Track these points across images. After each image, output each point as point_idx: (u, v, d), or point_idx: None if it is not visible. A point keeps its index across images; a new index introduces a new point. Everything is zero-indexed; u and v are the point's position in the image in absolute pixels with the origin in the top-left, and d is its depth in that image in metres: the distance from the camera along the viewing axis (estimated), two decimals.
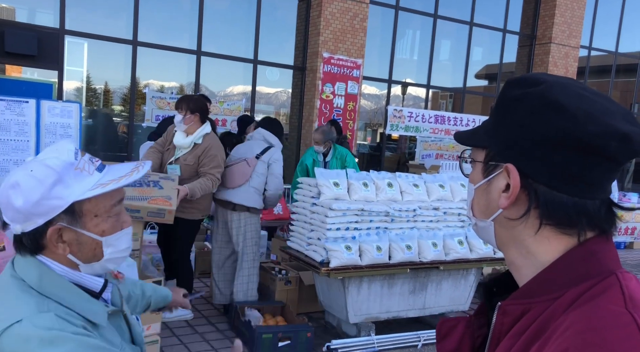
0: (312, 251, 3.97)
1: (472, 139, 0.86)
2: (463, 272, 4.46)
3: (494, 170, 0.80)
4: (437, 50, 11.14)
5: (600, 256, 0.74)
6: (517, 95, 0.77)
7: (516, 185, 0.75)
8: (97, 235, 1.09)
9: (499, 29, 11.62)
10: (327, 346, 3.90)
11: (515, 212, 0.77)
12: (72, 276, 1.10)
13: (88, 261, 1.11)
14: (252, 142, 4.51)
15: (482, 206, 0.83)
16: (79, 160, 1.08)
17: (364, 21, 9.20)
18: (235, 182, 4.26)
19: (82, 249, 1.09)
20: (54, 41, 7.53)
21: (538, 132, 0.73)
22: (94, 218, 1.08)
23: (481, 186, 0.83)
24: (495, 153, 0.80)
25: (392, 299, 4.20)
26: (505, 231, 0.81)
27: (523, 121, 0.75)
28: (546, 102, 0.73)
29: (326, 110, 8.99)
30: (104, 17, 8.50)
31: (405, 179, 4.35)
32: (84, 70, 8.62)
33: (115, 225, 1.12)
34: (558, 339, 0.66)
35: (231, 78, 10.12)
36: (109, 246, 1.11)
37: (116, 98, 9.39)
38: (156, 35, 8.47)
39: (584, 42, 12.27)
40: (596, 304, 0.68)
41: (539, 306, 0.74)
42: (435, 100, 12.93)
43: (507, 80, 0.82)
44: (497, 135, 0.79)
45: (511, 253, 0.81)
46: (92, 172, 1.08)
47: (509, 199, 0.77)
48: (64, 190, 1.04)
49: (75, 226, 1.07)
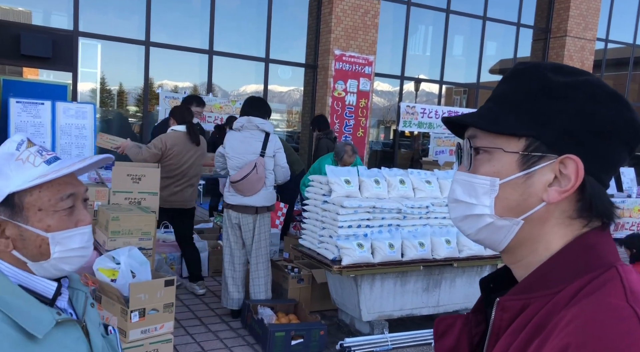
0: (324, 248, 3.96)
1: (500, 126, 0.75)
2: (477, 269, 4.42)
3: (539, 162, 0.73)
4: (450, 46, 11.05)
5: (599, 249, 0.73)
6: (571, 81, 0.73)
7: (580, 178, 0.71)
8: (41, 230, 1.01)
9: (512, 23, 11.48)
10: (340, 344, 3.89)
11: (567, 205, 0.74)
12: (20, 277, 1.02)
13: (35, 259, 1.02)
14: (246, 135, 4.22)
15: (512, 202, 0.74)
16: (21, 151, 1.01)
17: (376, 17, 9.16)
18: (255, 189, 4.19)
19: (26, 246, 1.01)
20: (68, 43, 7.63)
21: (601, 121, 0.71)
22: (37, 212, 1.00)
23: (514, 180, 0.74)
24: (541, 143, 0.72)
25: (406, 296, 4.18)
26: (535, 228, 0.75)
27: (585, 110, 0.71)
28: (607, 91, 0.72)
29: (338, 108, 8.97)
30: (117, 18, 8.59)
31: (417, 176, 4.31)
32: (98, 71, 8.72)
33: (65, 221, 1.03)
34: (559, 334, 0.65)
35: (243, 77, 10.17)
36: (57, 244, 1.02)
37: (130, 99, 9.49)
38: (168, 35, 8.54)
39: (601, 35, 12.07)
40: (597, 298, 0.66)
41: (538, 301, 0.72)
42: (448, 96, 12.83)
43: (540, 64, 0.76)
44: (547, 123, 0.73)
45: (521, 252, 0.77)
46: (37, 164, 1.01)
47: (565, 193, 0.72)
48: (1, 181, 0.99)
49: (17, 219, 1.00)
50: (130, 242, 3.48)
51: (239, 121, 4.30)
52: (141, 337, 3.01)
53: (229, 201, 4.27)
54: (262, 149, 4.19)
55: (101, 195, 4.00)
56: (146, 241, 3.57)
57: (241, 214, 4.24)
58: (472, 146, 0.78)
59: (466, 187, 0.79)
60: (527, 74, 0.76)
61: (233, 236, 4.34)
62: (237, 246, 4.34)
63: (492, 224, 0.76)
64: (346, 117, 9.02)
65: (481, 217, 0.77)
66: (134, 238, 3.51)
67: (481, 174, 0.77)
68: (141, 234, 3.54)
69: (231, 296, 4.34)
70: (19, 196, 0.99)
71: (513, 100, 0.76)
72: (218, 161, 4.41)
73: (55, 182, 1.02)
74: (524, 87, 0.75)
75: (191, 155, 4.71)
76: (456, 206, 0.81)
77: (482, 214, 0.77)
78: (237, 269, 4.35)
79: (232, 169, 4.23)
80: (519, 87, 0.76)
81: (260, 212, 4.25)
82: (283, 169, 4.33)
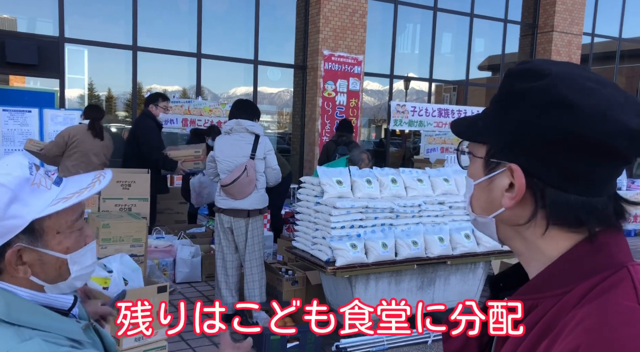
0: (318, 250, 3.95)
1: (470, 133, 0.80)
2: (471, 266, 4.42)
3: (497, 168, 0.75)
4: (439, 43, 11.08)
5: (610, 249, 0.71)
6: (521, 89, 0.72)
7: (521, 187, 0.71)
8: (61, 253, 1.01)
9: (500, 19, 11.53)
10: (336, 346, 3.88)
11: (521, 211, 0.74)
12: (39, 298, 1.01)
13: (53, 282, 1.02)
14: (235, 138, 4.18)
15: (482, 202, 0.80)
16: (34, 175, 0.99)
17: (364, 17, 9.16)
18: (246, 192, 4.15)
19: (45, 270, 1.01)
20: (54, 49, 7.56)
21: (543, 130, 0.69)
22: (56, 235, 1.00)
23: (481, 183, 0.79)
24: (497, 150, 0.75)
25: (400, 295, 4.17)
26: (509, 228, 0.77)
27: (527, 118, 0.71)
28: (551, 99, 0.69)
29: (329, 108, 8.96)
30: (103, 23, 8.53)
31: (409, 174, 4.31)
32: (86, 77, 8.66)
33: (79, 240, 1.04)
34: (568, 336, 0.64)
35: (233, 79, 10.14)
36: (75, 263, 1.03)
37: (119, 104, 9.43)
38: (156, 39, 8.49)
39: (587, 29, 12.16)
40: (607, 299, 0.65)
41: (547, 302, 0.71)
42: (438, 93, 12.87)
43: (509, 70, 0.77)
44: (500, 131, 0.75)
45: (517, 245, 0.79)
46: (49, 187, 1.00)
47: (514, 200, 0.73)
48: (22, 208, 0.96)
49: (37, 245, 0.98)
50: (122, 249, 3.45)
51: (227, 124, 4.28)
52: (135, 345, 2.98)
53: (220, 205, 4.23)
54: (252, 151, 4.17)
55: (91, 202, 3.97)
56: (138, 248, 3.55)
57: (233, 217, 4.21)
58: (458, 149, 0.84)
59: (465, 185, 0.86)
60: (502, 81, 0.78)
61: (225, 240, 4.32)
62: (229, 250, 4.32)
63: (475, 219, 0.83)
64: (337, 117, 9.02)
65: (469, 213, 0.84)
66: (125, 245, 3.49)
67: (467, 175, 0.83)
68: (132, 240, 3.52)
69: (225, 301, 4.29)
70: (38, 221, 0.97)
71: (488, 107, 0.80)
72: (210, 167, 4.37)
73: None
74: (496, 95, 0.78)
75: (94, 146, 5.27)
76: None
77: (467, 210, 0.85)
78: (229, 274, 4.32)
79: (222, 172, 4.20)
80: (495, 95, 0.79)
81: (252, 215, 4.22)
82: (274, 171, 4.31)
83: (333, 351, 3.88)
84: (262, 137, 4.26)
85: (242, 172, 4.09)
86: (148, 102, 5.48)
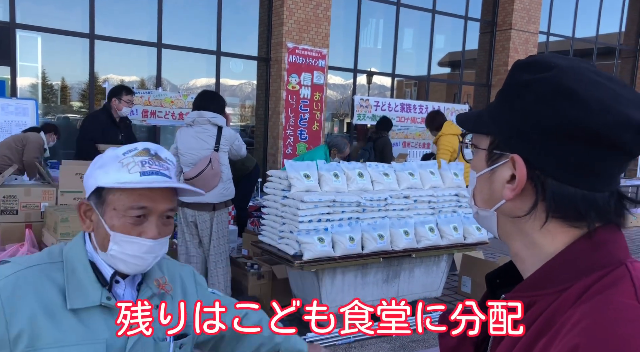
0: (285, 244, 3.93)
1: (475, 124, 0.80)
2: (435, 259, 4.51)
3: (499, 160, 0.76)
4: (401, 39, 11.18)
5: (609, 246, 0.71)
6: (526, 80, 0.72)
7: (522, 178, 0.71)
8: (107, 226, 1.15)
9: (460, 16, 11.74)
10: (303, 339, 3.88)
11: (521, 204, 0.74)
12: (95, 255, 1.19)
13: (100, 248, 1.18)
14: (198, 130, 4.10)
15: (484, 195, 0.80)
16: (126, 156, 1.16)
17: (328, 10, 9.13)
18: (211, 185, 4.08)
19: (98, 234, 1.18)
20: (4, 36, 7.19)
21: (547, 121, 0.69)
22: (112, 210, 1.15)
23: (484, 175, 0.79)
24: (500, 141, 0.75)
25: (366, 288, 4.21)
26: (509, 221, 0.77)
27: (531, 109, 0.71)
28: (557, 90, 0.69)
29: (293, 102, 8.91)
30: (58, 9, 8.17)
31: (375, 169, 4.34)
32: (39, 65, 8.27)
33: (129, 227, 1.15)
34: (567, 334, 0.63)
35: (194, 70, 9.92)
36: (115, 243, 1.15)
37: (74, 94, 9.08)
38: (114, 28, 8.20)
39: (543, 28, 12.54)
40: (606, 297, 0.65)
41: (544, 299, 0.71)
42: (400, 88, 13.01)
43: (516, 63, 0.77)
44: (503, 122, 0.75)
45: (515, 244, 0.78)
46: (132, 172, 1.14)
47: (514, 191, 0.73)
48: (101, 175, 1.16)
49: (98, 209, 1.17)
50: None
51: (190, 116, 4.18)
52: None
53: (185, 199, 4.13)
54: (216, 143, 4.11)
55: (48, 195, 3.81)
56: None
57: (197, 211, 4.14)
58: (462, 141, 0.83)
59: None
60: (509, 73, 0.78)
61: (189, 235, 4.24)
62: (193, 244, 4.24)
63: (476, 213, 0.83)
64: (301, 110, 8.98)
65: (471, 206, 0.84)
66: None
67: (471, 167, 0.83)
68: None
69: None
70: (105, 192, 1.16)
71: (495, 99, 0.80)
72: None
73: (135, 192, 1.14)
74: (502, 87, 0.78)
75: None
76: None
77: (470, 204, 0.85)
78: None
79: (186, 165, 4.11)
80: (502, 86, 0.79)
81: (217, 208, 4.16)
82: (241, 147, 4.34)
83: None
84: (225, 128, 4.20)
85: (207, 165, 4.02)
86: (111, 96, 5.32)
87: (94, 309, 1.14)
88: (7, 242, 3.64)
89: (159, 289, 1.25)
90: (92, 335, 1.12)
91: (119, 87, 5.50)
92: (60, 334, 1.09)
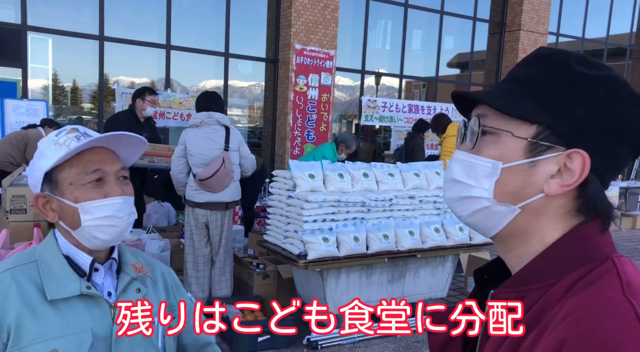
0: (290, 244, 3.94)
1: (513, 107, 0.72)
2: (440, 259, 4.50)
3: (546, 152, 0.70)
4: (409, 40, 11.17)
5: (595, 241, 0.72)
6: (595, 75, 0.71)
7: (584, 174, 0.69)
8: (71, 201, 1.16)
9: (469, 17, 11.70)
10: (307, 339, 3.89)
11: (561, 200, 0.72)
12: (68, 248, 1.20)
13: (73, 228, 1.18)
14: (207, 131, 4.14)
15: (511, 188, 0.72)
16: (59, 136, 1.18)
17: (335, 12, 9.15)
18: (224, 185, 4.13)
19: (65, 216, 1.18)
20: (16, 38, 7.29)
21: (616, 121, 0.70)
22: (69, 186, 1.16)
23: (517, 167, 0.72)
24: (552, 133, 0.70)
25: (371, 288, 4.21)
26: (530, 218, 0.73)
27: (606, 106, 0.70)
28: (628, 91, 0.70)
29: (300, 103, 8.94)
30: (68, 12, 8.26)
31: (380, 169, 4.34)
32: (50, 67, 8.38)
33: (92, 193, 1.16)
34: (555, 328, 0.64)
35: (203, 72, 9.98)
36: (86, 213, 1.16)
37: (85, 95, 9.17)
38: (124, 29, 8.27)
39: (552, 29, 12.46)
40: (593, 292, 0.66)
41: (533, 294, 0.71)
42: (408, 90, 12.99)
43: (563, 52, 0.74)
44: (564, 113, 0.70)
45: (513, 242, 0.76)
46: (71, 146, 1.15)
47: (567, 187, 0.70)
48: (44, 162, 1.17)
49: (55, 193, 1.18)
50: None
51: (197, 117, 4.19)
52: None
53: (197, 199, 4.14)
54: (226, 143, 4.15)
55: None
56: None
57: (210, 211, 4.16)
58: (481, 125, 0.75)
59: (466, 168, 0.76)
60: (552, 61, 0.74)
61: (197, 235, 4.25)
62: (201, 244, 4.25)
63: (487, 208, 0.74)
64: (308, 111, 9.00)
65: (477, 199, 0.75)
66: None
67: (484, 155, 0.74)
68: None
69: (195, 297, 4.25)
70: (55, 173, 1.17)
71: (535, 85, 0.73)
72: (180, 163, 4.20)
73: (83, 160, 1.16)
74: (547, 74, 0.73)
75: None
76: (452, 185, 0.79)
77: (479, 196, 0.75)
78: (200, 269, 4.27)
79: (197, 166, 4.14)
80: (542, 73, 0.73)
81: (229, 207, 4.23)
82: (249, 161, 4.33)
83: (304, 344, 3.88)
84: (232, 129, 4.25)
85: (221, 165, 4.07)
86: (135, 97, 5.41)
87: (74, 300, 1.14)
88: (16, 241, 3.68)
89: (137, 273, 1.24)
90: (76, 325, 1.12)
91: (143, 89, 5.60)
92: (43, 329, 1.09)
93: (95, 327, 1.14)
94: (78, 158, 1.16)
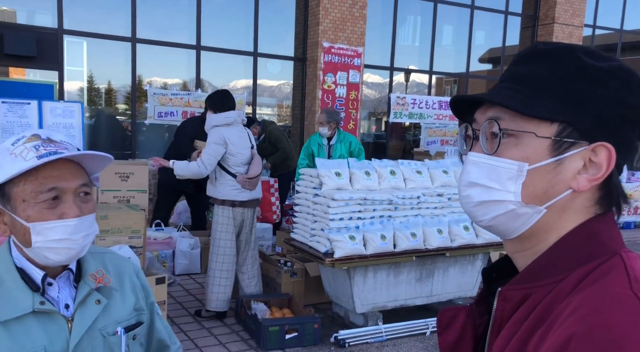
0: (316, 241, 3.95)
1: (535, 109, 0.70)
2: (470, 257, 4.43)
3: (570, 149, 0.70)
4: (439, 36, 11.02)
5: (603, 236, 0.71)
6: (607, 67, 0.71)
7: (611, 166, 0.69)
8: (23, 220, 1.06)
9: (500, 11, 11.46)
10: (334, 337, 3.89)
11: (588, 194, 0.72)
12: (22, 261, 1.11)
13: (24, 246, 1.10)
14: (239, 129, 4.19)
15: (538, 189, 0.71)
16: (16, 146, 1.07)
17: (363, 9, 9.11)
18: (258, 182, 4.26)
19: (16, 232, 1.09)
20: (53, 41, 7.53)
21: (632, 110, 0.71)
22: (22, 203, 1.06)
23: (544, 167, 0.70)
24: (575, 129, 0.69)
25: (399, 287, 4.18)
26: (554, 216, 0.72)
27: (621, 97, 0.70)
28: (638, 81, 0.71)
29: (328, 101, 8.94)
30: (102, 15, 8.48)
31: (407, 166, 4.31)
32: (85, 69, 8.62)
33: (46, 213, 1.06)
34: (562, 324, 0.63)
35: (232, 72, 10.09)
36: (38, 234, 1.06)
37: (118, 96, 9.40)
38: (155, 31, 8.44)
39: (588, 21, 12.08)
40: (601, 287, 0.65)
41: (540, 290, 0.71)
42: (439, 86, 12.82)
43: (569, 46, 0.73)
44: (583, 108, 0.70)
45: (531, 241, 0.74)
46: (28, 159, 1.04)
47: (595, 181, 0.70)
48: None
49: (7, 208, 1.08)
50: (120, 241, 3.46)
51: (230, 116, 4.14)
52: None
53: (241, 197, 4.13)
54: (251, 141, 4.27)
55: None
56: (136, 239, 3.55)
57: (246, 208, 4.20)
58: (502, 129, 0.72)
59: (487, 171, 0.73)
60: (561, 56, 0.72)
61: (233, 234, 4.18)
62: (232, 243, 4.18)
63: (512, 211, 0.72)
64: (337, 109, 8.99)
65: (502, 203, 0.73)
66: (123, 236, 3.49)
67: (507, 158, 0.72)
68: (131, 232, 3.52)
69: (224, 298, 4.18)
70: (8, 187, 1.06)
71: (547, 82, 0.71)
72: (214, 165, 4.09)
73: (40, 176, 1.06)
74: (558, 70, 0.71)
75: None
76: (471, 189, 0.76)
77: (504, 200, 0.72)
78: (230, 269, 4.22)
79: (237, 166, 4.11)
80: (553, 70, 0.72)
81: (259, 203, 4.38)
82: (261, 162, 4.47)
83: (332, 342, 3.89)
84: (247, 129, 4.35)
85: (258, 164, 4.19)
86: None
87: (27, 317, 1.06)
88: None
89: (96, 283, 1.17)
90: (29, 345, 1.05)
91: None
92: None
93: (50, 345, 1.07)
94: (34, 173, 1.05)
